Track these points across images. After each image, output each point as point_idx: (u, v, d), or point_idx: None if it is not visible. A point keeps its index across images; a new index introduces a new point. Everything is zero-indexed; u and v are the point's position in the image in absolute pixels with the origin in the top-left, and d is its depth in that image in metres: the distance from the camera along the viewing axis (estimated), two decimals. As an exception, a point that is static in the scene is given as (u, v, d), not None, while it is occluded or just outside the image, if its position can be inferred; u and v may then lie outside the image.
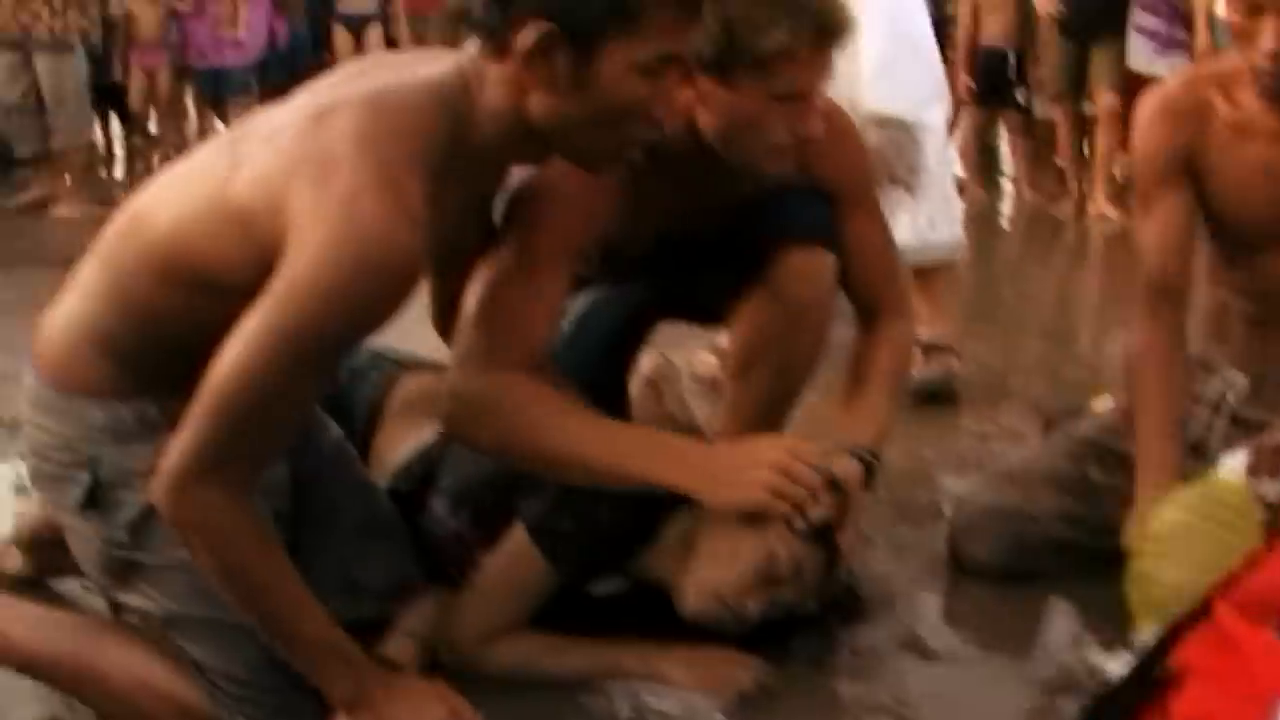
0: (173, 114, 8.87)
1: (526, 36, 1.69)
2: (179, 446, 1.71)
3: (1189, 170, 2.36)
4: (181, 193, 1.84)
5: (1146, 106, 2.42)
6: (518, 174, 2.07)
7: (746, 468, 1.97)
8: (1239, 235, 2.39)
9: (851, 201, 2.32)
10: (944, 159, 3.60)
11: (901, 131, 3.35)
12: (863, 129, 3.27)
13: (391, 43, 8.49)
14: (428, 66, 1.83)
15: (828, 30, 2.02)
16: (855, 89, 3.26)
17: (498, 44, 1.74)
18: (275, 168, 1.70)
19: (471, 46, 1.80)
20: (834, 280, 2.30)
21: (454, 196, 1.80)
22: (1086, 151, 7.22)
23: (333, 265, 1.61)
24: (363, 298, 1.63)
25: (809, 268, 2.26)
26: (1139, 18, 6.75)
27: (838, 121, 2.26)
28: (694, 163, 2.16)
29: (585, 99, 1.74)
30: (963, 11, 7.50)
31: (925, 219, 3.50)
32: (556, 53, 1.70)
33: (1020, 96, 7.44)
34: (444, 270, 2.19)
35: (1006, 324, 4.73)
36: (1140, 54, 6.74)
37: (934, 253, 3.57)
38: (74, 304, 1.94)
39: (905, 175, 3.36)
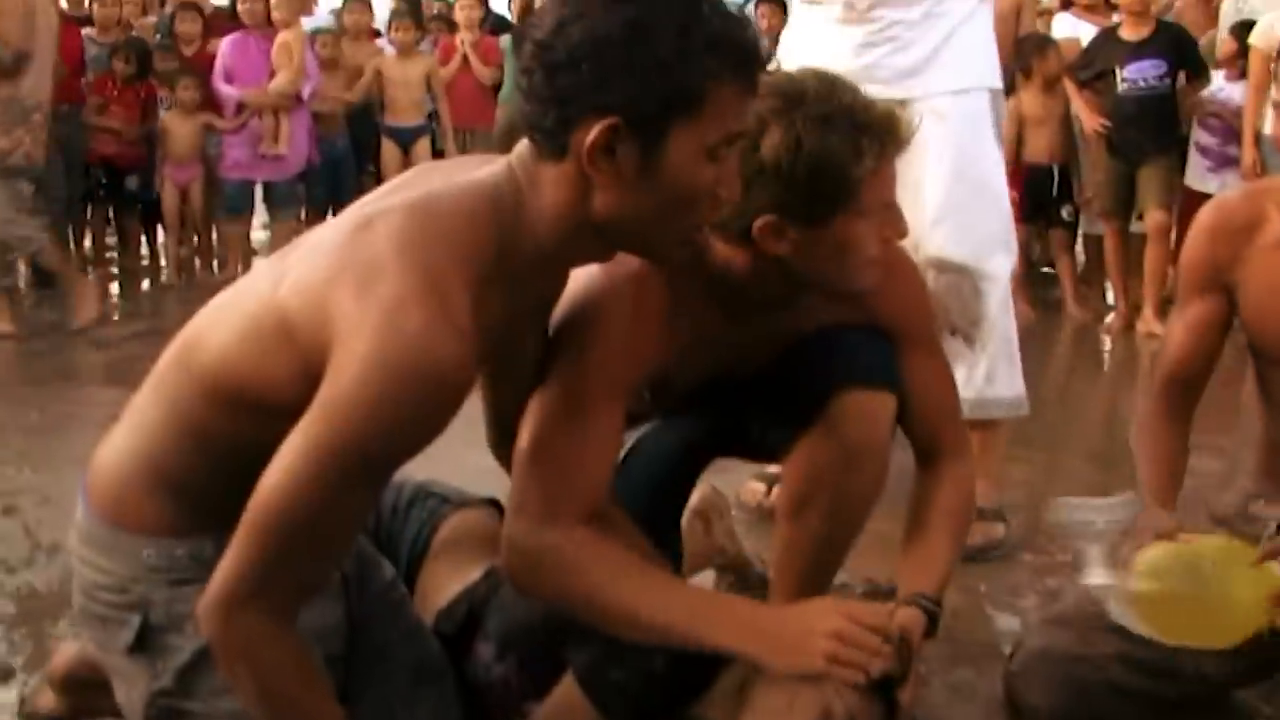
0: (209, 229, 8.86)
1: (590, 133, 1.65)
2: (224, 570, 1.67)
3: (1229, 280, 2.37)
4: (229, 314, 1.81)
5: (1202, 215, 2.44)
6: (572, 284, 2.04)
7: (805, 635, 1.90)
8: (1273, 351, 2.38)
9: (911, 340, 2.29)
10: (1006, 310, 3.39)
11: (962, 278, 3.23)
12: (922, 273, 3.23)
13: (439, 156, 8.55)
14: (476, 171, 1.79)
15: (897, 138, 2.01)
16: (917, 231, 3.18)
17: (557, 144, 1.70)
18: (318, 278, 1.66)
19: (522, 148, 1.76)
20: (892, 421, 2.26)
21: (506, 303, 1.76)
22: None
23: (377, 378, 1.56)
24: (409, 411, 1.58)
25: (867, 408, 2.22)
26: (1198, 135, 6.83)
27: (896, 260, 2.23)
28: (752, 298, 2.14)
29: (652, 190, 1.70)
30: (1006, 128, 7.45)
31: (984, 373, 3.34)
32: (622, 146, 1.66)
33: (1065, 213, 7.42)
34: (499, 384, 2.15)
35: (1052, 446, 4.64)
36: (1195, 171, 6.81)
37: (991, 409, 3.39)
38: (127, 436, 1.90)
39: (964, 325, 3.23)
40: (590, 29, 1.64)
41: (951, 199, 3.26)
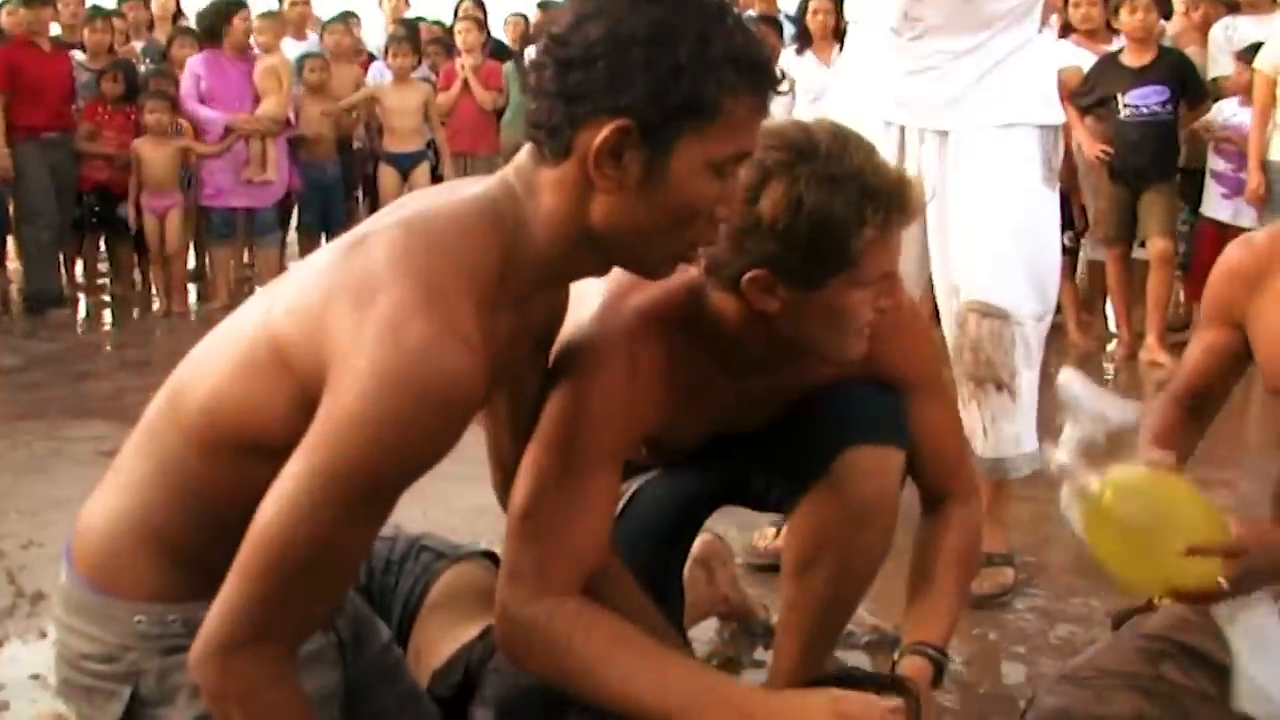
0: (202, 255, 8.75)
1: (597, 134, 1.58)
2: (220, 613, 1.58)
3: (1245, 319, 2.32)
4: (216, 355, 1.73)
5: (1228, 252, 2.39)
6: (567, 330, 1.98)
7: None
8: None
9: (915, 388, 2.22)
10: (1036, 357, 3.25)
11: (1005, 324, 3.13)
12: (963, 318, 3.15)
13: (438, 182, 8.40)
14: (471, 187, 1.73)
15: (905, 207, 1.92)
16: (957, 273, 3.16)
17: (559, 144, 1.62)
18: (312, 299, 1.59)
19: (520, 157, 1.70)
20: (900, 476, 2.20)
21: (508, 325, 1.69)
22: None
23: (380, 395, 1.47)
24: (416, 429, 1.49)
25: (875, 467, 2.15)
26: (1213, 162, 6.79)
27: (900, 308, 2.15)
28: (749, 354, 2.06)
29: (653, 200, 1.63)
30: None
31: (1021, 429, 3.22)
32: (628, 150, 1.59)
33: (1067, 240, 7.35)
34: (499, 422, 2.09)
35: (1053, 480, 4.53)
36: (1210, 198, 6.77)
37: (1024, 467, 3.27)
38: (115, 495, 1.80)
39: (1006, 377, 3.12)
40: (612, 26, 1.58)
41: (988, 241, 3.14)
